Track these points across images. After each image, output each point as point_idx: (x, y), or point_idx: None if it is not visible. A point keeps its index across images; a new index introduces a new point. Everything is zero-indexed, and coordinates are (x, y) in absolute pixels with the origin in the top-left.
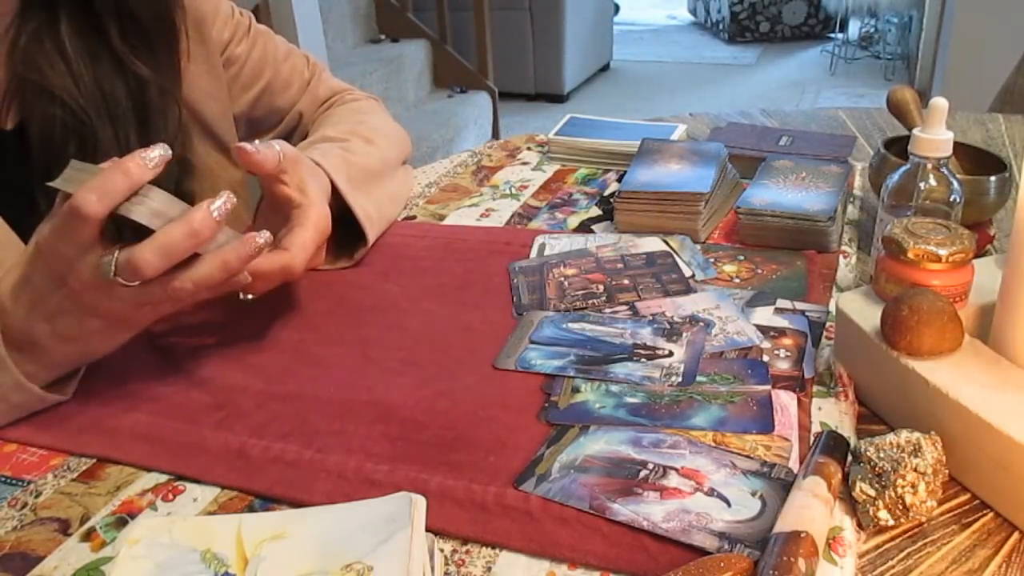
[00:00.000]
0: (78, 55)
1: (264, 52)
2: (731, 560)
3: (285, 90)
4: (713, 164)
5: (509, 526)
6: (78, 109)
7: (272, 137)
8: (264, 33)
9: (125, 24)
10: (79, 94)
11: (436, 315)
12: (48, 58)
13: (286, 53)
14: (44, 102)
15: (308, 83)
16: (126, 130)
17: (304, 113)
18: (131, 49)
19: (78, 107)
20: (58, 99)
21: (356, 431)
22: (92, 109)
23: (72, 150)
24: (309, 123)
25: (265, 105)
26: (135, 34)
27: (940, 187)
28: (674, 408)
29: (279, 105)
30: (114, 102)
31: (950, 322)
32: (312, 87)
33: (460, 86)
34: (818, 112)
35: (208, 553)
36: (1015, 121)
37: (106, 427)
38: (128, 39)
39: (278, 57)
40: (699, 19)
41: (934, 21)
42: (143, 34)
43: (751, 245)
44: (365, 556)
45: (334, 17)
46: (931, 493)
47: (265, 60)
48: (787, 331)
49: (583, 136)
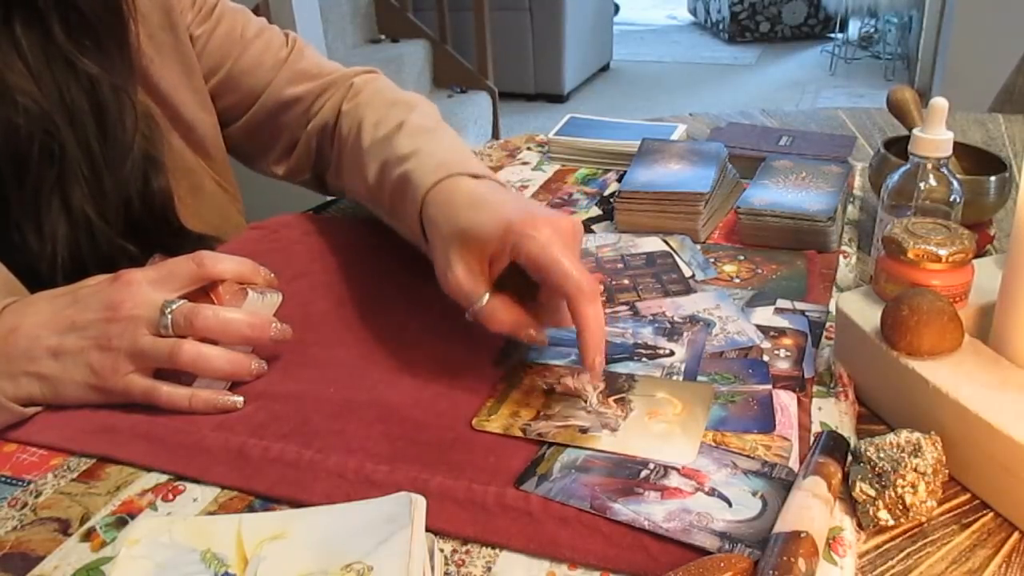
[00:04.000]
0: (34, 53)
1: (230, 30)
2: (731, 560)
3: (255, 69)
4: (713, 164)
5: (509, 526)
6: (39, 112)
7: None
8: (233, 11)
9: (70, 18)
10: (40, 96)
11: (436, 315)
12: (5, 58)
13: (259, 30)
14: (6, 108)
15: (285, 60)
16: (86, 133)
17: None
18: (77, 45)
19: (38, 110)
20: (20, 105)
21: (356, 431)
22: (54, 110)
23: (37, 155)
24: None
25: (233, 87)
26: (81, 29)
27: (940, 187)
28: None
29: (250, 85)
30: (71, 103)
31: (950, 322)
32: (291, 62)
33: (460, 86)
34: (818, 112)
35: (208, 553)
36: (1015, 121)
37: (106, 427)
38: (74, 35)
39: (247, 35)
40: (699, 19)
41: (934, 21)
42: (89, 29)
43: (751, 245)
44: (365, 556)
45: (334, 17)
46: (931, 493)
47: (231, 39)
48: (787, 331)
49: (583, 136)
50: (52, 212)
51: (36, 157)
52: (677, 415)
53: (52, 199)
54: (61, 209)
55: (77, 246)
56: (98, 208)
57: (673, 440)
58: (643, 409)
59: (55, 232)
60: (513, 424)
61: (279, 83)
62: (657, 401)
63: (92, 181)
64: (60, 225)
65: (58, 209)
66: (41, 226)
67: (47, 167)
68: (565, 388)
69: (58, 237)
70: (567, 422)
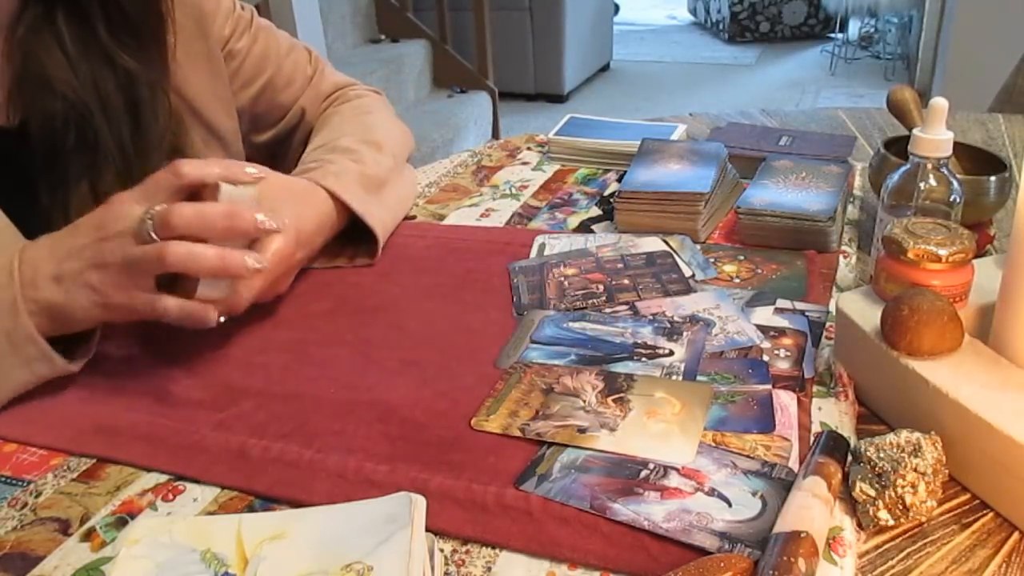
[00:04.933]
0: (75, 46)
1: (266, 47)
2: (731, 560)
3: (287, 86)
4: (713, 164)
5: (509, 526)
6: (77, 102)
7: (275, 134)
8: (266, 28)
9: (112, 16)
10: (78, 85)
11: (436, 315)
12: (47, 49)
13: (288, 48)
14: (45, 96)
15: (311, 79)
16: (119, 123)
17: (307, 109)
18: (118, 42)
19: (77, 99)
20: (58, 93)
21: (356, 431)
22: (90, 101)
23: (72, 143)
24: (312, 119)
25: (267, 101)
26: (122, 27)
27: (940, 187)
28: None
29: (281, 101)
30: (106, 95)
31: (950, 322)
32: (315, 83)
33: (460, 86)
34: (818, 112)
35: (208, 553)
36: (1015, 121)
37: (106, 427)
38: (115, 32)
39: (280, 53)
40: (699, 19)
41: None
42: (131, 27)
43: (751, 245)
44: (365, 556)
45: (334, 17)
46: (931, 493)
47: (267, 56)
48: (787, 331)
49: (583, 136)
50: (80, 198)
51: (71, 143)
52: (676, 415)
53: (81, 185)
54: (89, 195)
55: None
56: None
57: (672, 440)
58: (641, 409)
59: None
60: (512, 424)
61: (304, 102)
62: (656, 401)
63: (123, 170)
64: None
65: (86, 195)
66: (69, 212)
67: (79, 154)
68: (564, 388)
69: None
70: (566, 422)
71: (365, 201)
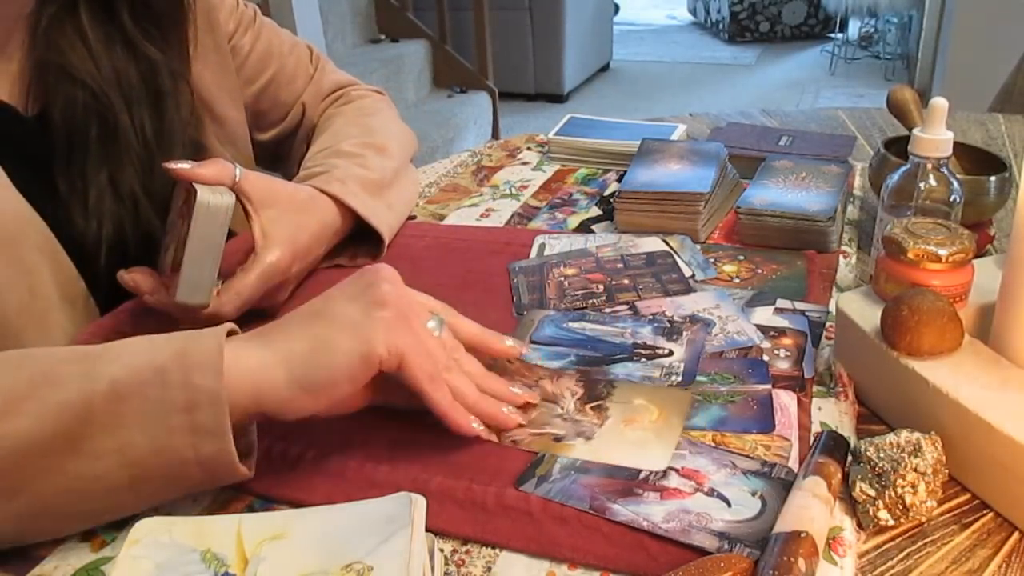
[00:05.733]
0: (97, 37)
1: (269, 45)
2: (731, 560)
3: (290, 83)
4: (713, 164)
5: (509, 526)
6: (99, 91)
7: (278, 132)
8: (269, 25)
9: (136, 4)
10: (99, 76)
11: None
12: (69, 40)
13: (291, 46)
14: (66, 85)
15: (312, 76)
16: (140, 113)
17: (308, 106)
18: (142, 32)
19: (99, 89)
20: (79, 81)
21: (356, 431)
22: (111, 91)
23: (93, 133)
24: (313, 117)
25: (270, 98)
26: (146, 17)
27: (940, 187)
28: None
29: (284, 99)
30: (128, 85)
31: (950, 322)
32: (316, 80)
33: (460, 86)
34: (818, 112)
35: (208, 553)
36: (1015, 121)
37: None
38: (139, 21)
39: (283, 50)
40: (699, 19)
41: (934, 21)
42: (154, 17)
43: (751, 245)
44: (365, 556)
45: (334, 17)
46: (931, 493)
47: (270, 53)
48: (787, 331)
49: (583, 136)
50: (99, 188)
51: (92, 133)
52: (653, 422)
53: (101, 175)
54: (108, 185)
55: (121, 223)
56: (145, 186)
57: (647, 447)
58: (619, 416)
59: (101, 208)
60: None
61: (305, 99)
62: (634, 408)
63: (144, 159)
64: (106, 201)
65: (105, 185)
66: (87, 202)
67: (100, 144)
68: (543, 394)
69: (104, 213)
70: (542, 430)
71: (370, 206)
